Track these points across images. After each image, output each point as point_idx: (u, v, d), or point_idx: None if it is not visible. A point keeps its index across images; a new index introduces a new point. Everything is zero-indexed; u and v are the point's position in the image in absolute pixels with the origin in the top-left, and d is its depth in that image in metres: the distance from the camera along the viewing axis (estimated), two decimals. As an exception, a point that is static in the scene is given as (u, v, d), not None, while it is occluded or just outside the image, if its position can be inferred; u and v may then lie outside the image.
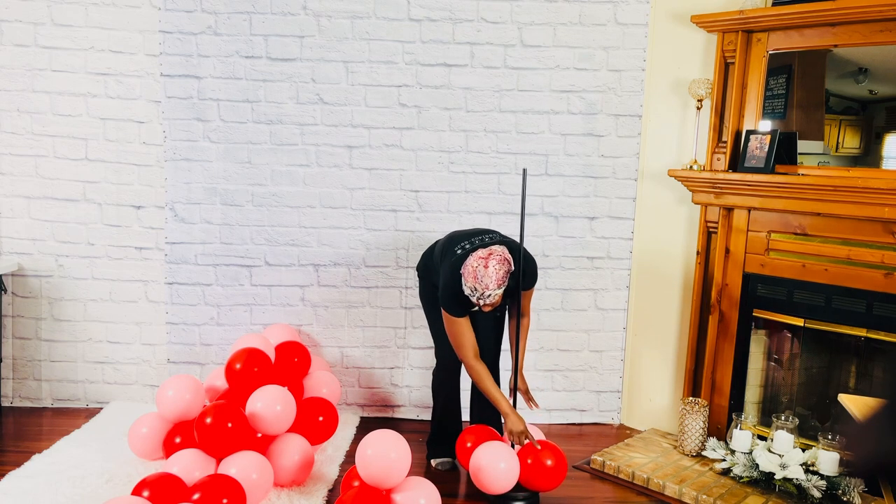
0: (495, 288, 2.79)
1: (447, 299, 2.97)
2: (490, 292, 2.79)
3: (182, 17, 3.62)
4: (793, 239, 3.20)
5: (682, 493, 3.04)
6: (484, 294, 2.79)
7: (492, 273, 2.78)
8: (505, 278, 2.81)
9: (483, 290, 2.78)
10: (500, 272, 2.79)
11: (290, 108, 3.70)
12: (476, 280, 2.79)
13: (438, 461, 3.33)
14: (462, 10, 3.65)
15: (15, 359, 3.81)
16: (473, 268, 2.81)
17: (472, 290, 2.81)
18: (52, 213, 3.74)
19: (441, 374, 3.30)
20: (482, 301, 2.83)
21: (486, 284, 2.78)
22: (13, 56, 3.63)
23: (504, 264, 2.82)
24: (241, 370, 3.15)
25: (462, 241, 3.03)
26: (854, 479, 2.89)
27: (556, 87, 3.71)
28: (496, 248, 2.88)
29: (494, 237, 3.05)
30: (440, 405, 3.33)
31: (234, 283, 3.80)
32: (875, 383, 3.13)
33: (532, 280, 3.09)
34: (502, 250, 2.87)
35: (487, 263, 2.79)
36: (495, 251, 2.85)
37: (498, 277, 2.79)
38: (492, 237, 3.04)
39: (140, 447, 3.12)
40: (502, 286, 2.81)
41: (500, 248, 2.88)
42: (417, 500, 2.61)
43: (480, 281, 2.78)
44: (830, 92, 3.20)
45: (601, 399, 3.93)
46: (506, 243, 3.00)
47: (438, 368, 3.31)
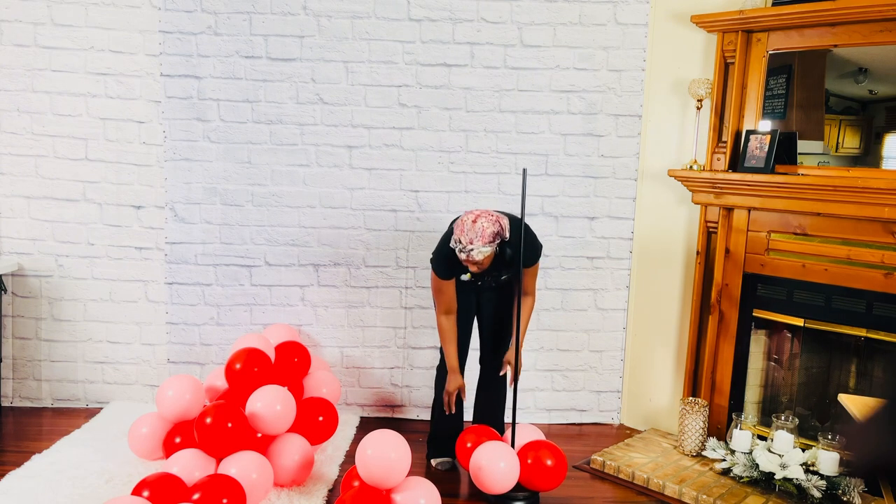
0: (480, 245, 2.79)
1: (436, 257, 3.03)
2: (475, 248, 2.79)
3: (182, 17, 3.62)
4: (793, 239, 3.20)
5: (682, 493, 3.04)
6: (467, 248, 2.80)
7: (479, 228, 2.80)
8: (493, 238, 2.81)
9: (468, 243, 2.80)
10: (487, 230, 2.80)
11: (290, 108, 3.70)
12: (462, 232, 2.82)
13: (438, 461, 3.33)
14: (462, 10, 3.65)
15: (15, 359, 3.81)
16: (463, 220, 2.86)
17: (457, 241, 2.83)
18: (52, 213, 3.74)
19: (444, 372, 3.28)
20: (466, 256, 2.82)
21: (471, 238, 2.79)
22: (13, 56, 3.63)
23: (494, 224, 2.83)
24: (241, 370, 3.15)
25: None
26: (854, 479, 2.89)
27: (556, 87, 3.71)
28: (493, 211, 2.93)
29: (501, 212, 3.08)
30: (440, 405, 3.32)
31: (234, 283, 3.80)
32: (875, 383, 3.13)
33: (532, 256, 3.06)
34: (498, 215, 2.90)
35: (477, 219, 2.83)
36: (490, 212, 2.89)
37: (485, 234, 2.80)
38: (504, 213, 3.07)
39: (140, 447, 3.12)
40: (488, 245, 2.81)
41: (496, 213, 2.92)
42: (417, 500, 2.61)
43: (466, 234, 2.81)
44: (830, 92, 3.20)
45: (601, 399, 3.93)
46: (508, 216, 3.01)
47: (442, 365, 3.30)
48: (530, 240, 3.04)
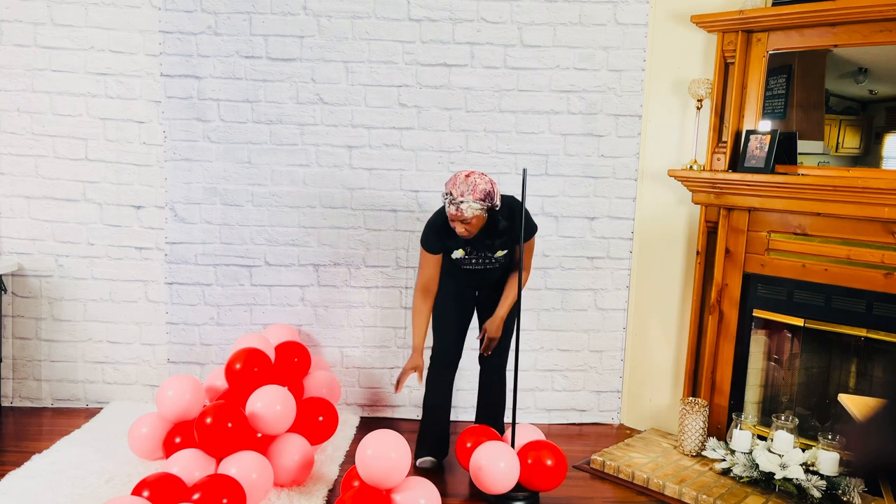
0: (471, 199, 2.79)
1: (427, 229, 3.04)
2: (465, 201, 2.79)
3: (182, 17, 3.62)
4: (793, 239, 3.20)
5: (681, 493, 3.04)
6: (457, 200, 2.80)
7: (471, 182, 2.81)
8: (484, 196, 2.82)
9: (458, 196, 2.80)
10: (479, 185, 2.81)
11: (290, 108, 3.70)
12: (455, 185, 2.83)
13: (420, 460, 3.28)
14: (462, 10, 3.65)
15: (15, 359, 3.81)
16: (456, 175, 2.88)
17: (448, 194, 2.83)
18: (52, 213, 3.74)
19: (435, 369, 3.27)
20: (455, 209, 2.81)
21: (462, 191, 2.80)
22: (13, 56, 3.63)
23: (487, 184, 2.84)
24: (241, 370, 3.15)
25: None
26: (854, 479, 2.89)
27: (556, 87, 3.71)
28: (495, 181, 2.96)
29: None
30: (430, 403, 3.30)
31: (234, 283, 3.80)
32: (875, 383, 3.13)
33: (526, 233, 3.03)
34: (497, 185, 2.92)
35: (470, 174, 2.85)
36: (484, 173, 2.91)
37: (476, 189, 2.80)
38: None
39: (140, 447, 3.12)
40: (479, 202, 2.81)
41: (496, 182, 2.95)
42: (417, 500, 2.61)
43: (458, 187, 2.81)
44: (830, 92, 3.20)
45: (601, 399, 3.93)
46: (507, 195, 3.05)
47: (433, 363, 3.28)
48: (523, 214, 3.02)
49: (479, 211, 2.84)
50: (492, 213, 2.90)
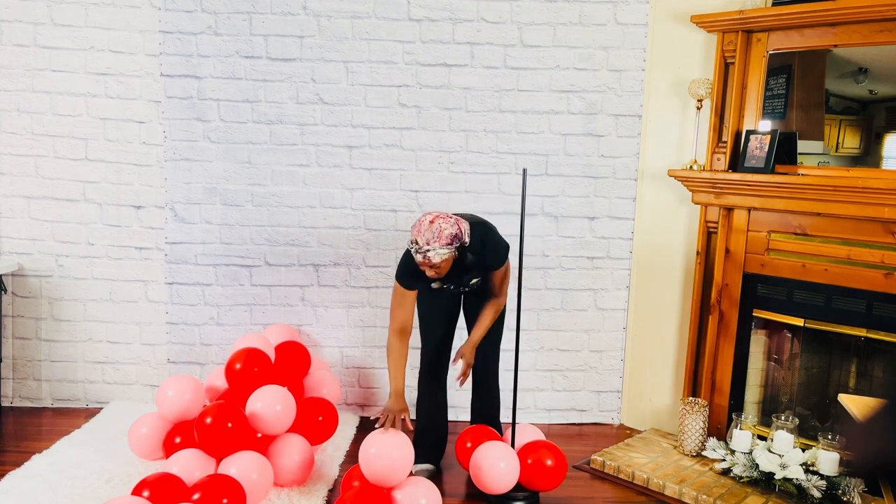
0: (438, 246, 2.71)
1: (401, 266, 2.95)
2: (431, 249, 2.70)
3: (182, 17, 3.63)
4: (793, 239, 3.20)
5: (682, 493, 3.04)
6: (423, 249, 2.71)
7: (436, 229, 2.72)
8: (451, 240, 2.73)
9: (424, 244, 2.71)
10: (445, 231, 2.72)
11: (290, 108, 3.70)
12: (419, 233, 2.73)
13: (419, 467, 3.21)
14: (462, 10, 3.65)
15: (15, 359, 3.81)
16: (420, 221, 2.77)
17: (414, 242, 2.74)
18: (52, 213, 3.74)
19: (426, 374, 3.25)
20: (423, 258, 2.74)
21: (428, 239, 2.71)
22: (13, 56, 3.63)
23: (452, 227, 2.75)
24: (241, 370, 3.15)
25: None
26: (854, 479, 2.89)
27: (556, 87, 3.71)
28: (461, 219, 2.85)
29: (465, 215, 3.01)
30: (424, 408, 3.27)
31: (234, 283, 3.80)
32: (875, 383, 3.13)
33: (497, 259, 2.97)
34: (458, 218, 2.83)
35: (434, 220, 2.75)
36: (450, 214, 2.82)
37: (442, 235, 2.71)
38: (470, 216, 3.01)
39: (140, 447, 3.12)
40: (446, 247, 2.72)
41: (456, 215, 2.85)
42: (418, 498, 2.61)
43: (423, 234, 2.72)
44: (830, 92, 3.20)
45: (601, 399, 3.93)
46: (469, 218, 2.94)
47: (423, 369, 3.26)
48: (493, 242, 2.96)
49: (448, 255, 2.75)
50: (461, 250, 2.82)
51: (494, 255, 2.96)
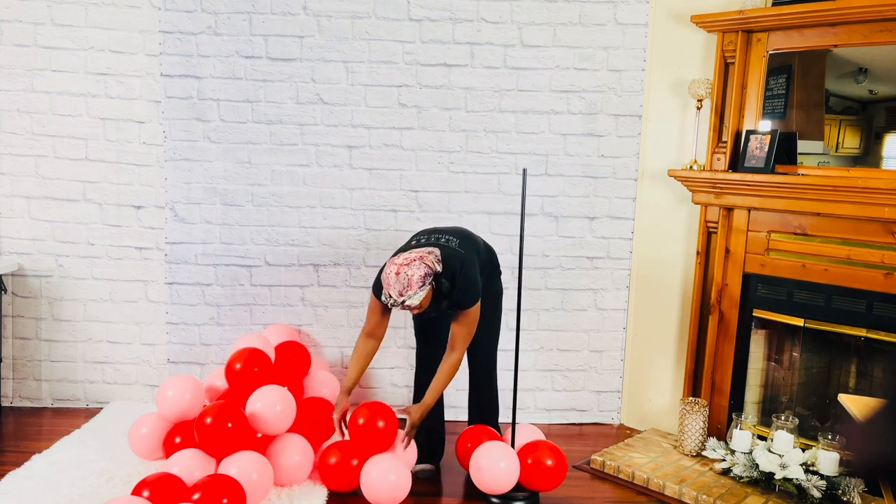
0: (412, 292, 2.69)
1: (376, 282, 2.91)
2: (406, 297, 2.69)
3: (182, 17, 3.63)
4: (793, 239, 3.20)
5: (682, 493, 3.04)
6: (399, 300, 2.69)
7: (404, 279, 2.69)
8: (421, 282, 2.69)
9: (398, 296, 2.70)
10: (414, 276, 2.69)
11: (290, 108, 3.70)
12: (390, 286, 2.72)
13: (418, 467, 3.22)
14: (462, 10, 3.65)
15: (15, 359, 3.81)
16: (386, 275, 2.74)
17: (388, 297, 2.73)
18: (52, 213, 3.74)
19: (421, 373, 3.23)
20: (402, 307, 2.73)
21: (400, 290, 2.69)
22: (13, 56, 3.63)
23: (419, 268, 2.71)
24: (241, 370, 3.15)
25: (421, 235, 3.00)
26: (854, 479, 2.89)
27: (556, 87, 3.71)
28: (425, 252, 2.78)
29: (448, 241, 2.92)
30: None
31: (234, 283, 3.80)
32: (875, 383, 3.13)
33: (463, 297, 2.84)
34: (422, 254, 2.77)
35: (399, 270, 2.71)
36: (411, 257, 2.75)
37: (412, 282, 2.68)
38: (446, 240, 2.92)
39: (140, 447, 3.12)
40: (421, 289, 2.70)
41: (427, 253, 2.78)
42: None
43: (394, 287, 2.70)
44: (830, 92, 3.20)
45: (601, 399, 3.93)
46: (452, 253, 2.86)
47: (419, 367, 3.25)
48: (464, 278, 2.83)
49: (425, 293, 2.73)
50: (437, 279, 2.77)
51: (462, 291, 2.84)
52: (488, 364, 3.23)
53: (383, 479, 2.80)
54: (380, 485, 2.80)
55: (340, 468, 2.92)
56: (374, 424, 2.89)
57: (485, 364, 3.23)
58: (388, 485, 2.80)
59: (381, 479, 2.80)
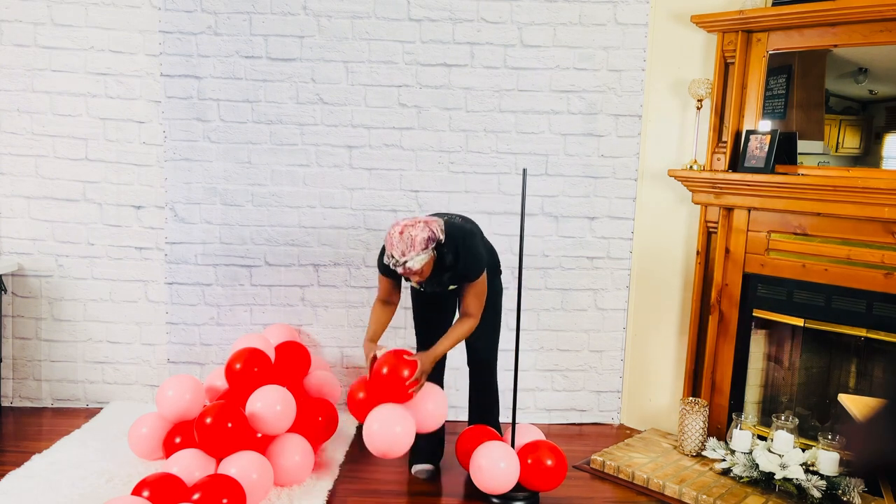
0: (414, 254, 2.68)
1: (380, 255, 2.94)
2: (408, 258, 2.69)
3: (182, 17, 3.63)
4: (793, 239, 3.20)
5: (682, 493, 3.04)
6: (402, 261, 2.70)
7: (407, 239, 2.69)
8: (426, 244, 2.69)
9: (400, 256, 2.70)
10: (417, 237, 2.69)
11: (290, 108, 3.70)
12: (392, 247, 2.71)
13: (418, 468, 3.23)
14: (462, 10, 3.65)
15: (15, 359, 3.81)
16: (390, 234, 2.74)
17: (390, 257, 2.74)
18: (52, 213, 3.74)
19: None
20: (403, 270, 2.73)
21: (402, 250, 2.69)
22: (13, 56, 3.63)
23: (423, 230, 2.71)
24: (241, 370, 3.15)
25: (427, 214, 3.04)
26: (854, 479, 2.89)
27: (556, 87, 3.71)
28: (423, 216, 2.82)
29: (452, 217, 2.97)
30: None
31: (234, 283, 3.80)
32: (875, 383, 3.13)
33: (473, 267, 2.87)
34: (428, 219, 2.78)
35: (403, 230, 2.71)
36: (417, 219, 2.77)
37: (415, 243, 2.68)
38: (450, 216, 2.98)
39: (140, 447, 3.12)
40: (423, 252, 2.69)
41: (426, 217, 2.81)
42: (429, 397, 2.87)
43: (396, 247, 2.70)
44: (830, 92, 3.20)
45: (601, 399, 3.93)
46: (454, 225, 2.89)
47: None
48: (468, 250, 2.86)
49: (426, 258, 2.72)
50: (439, 248, 2.77)
51: (466, 264, 2.85)
52: (489, 364, 3.23)
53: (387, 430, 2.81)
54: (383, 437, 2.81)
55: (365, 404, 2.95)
56: (398, 375, 2.84)
57: (485, 364, 3.22)
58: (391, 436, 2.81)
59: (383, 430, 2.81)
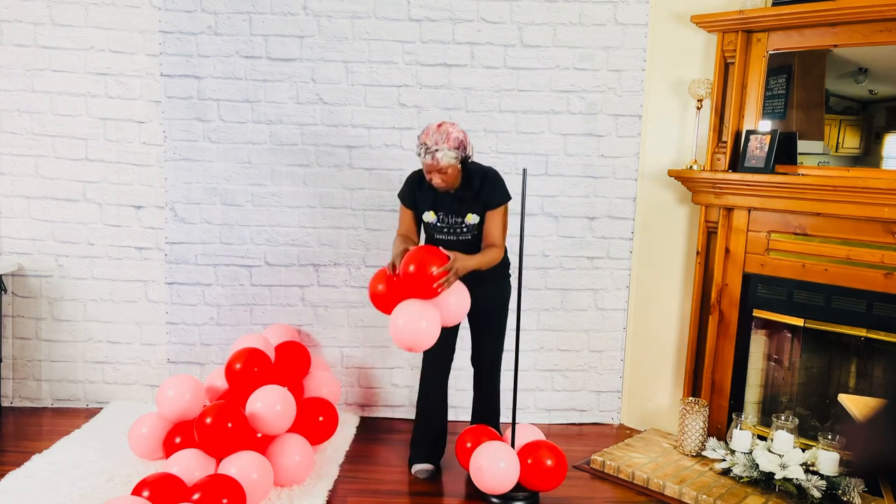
0: (446, 147, 2.82)
1: (404, 183, 3.13)
2: (440, 149, 2.82)
3: (182, 17, 3.63)
4: (793, 239, 3.20)
5: (682, 493, 3.04)
6: (433, 148, 2.82)
7: (444, 132, 2.85)
8: (458, 145, 2.85)
9: (433, 144, 2.82)
10: (452, 134, 2.85)
11: (290, 108, 3.70)
12: (428, 136, 2.86)
13: (418, 468, 3.23)
14: (462, 10, 3.65)
15: (15, 359, 3.81)
16: (428, 127, 2.90)
17: (423, 145, 2.86)
18: (52, 213, 3.74)
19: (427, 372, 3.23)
20: (431, 158, 2.83)
21: (437, 140, 2.83)
22: (13, 56, 3.63)
23: (459, 133, 2.88)
24: (241, 370, 3.15)
25: None
26: (854, 479, 2.89)
27: (556, 87, 3.71)
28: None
29: None
30: (423, 407, 3.25)
31: (234, 283, 3.80)
32: (875, 383, 3.13)
33: (497, 195, 2.98)
34: (465, 131, 2.97)
35: (442, 124, 2.88)
36: (456, 124, 2.94)
37: (450, 137, 2.84)
38: None
39: (140, 447, 3.12)
40: (454, 150, 2.84)
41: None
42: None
43: (431, 136, 2.85)
44: (830, 92, 3.20)
45: (601, 399, 3.93)
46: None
47: (425, 366, 3.25)
48: (495, 178, 3.01)
49: (454, 160, 2.86)
50: (465, 165, 2.93)
51: (492, 189, 2.98)
52: (493, 364, 3.23)
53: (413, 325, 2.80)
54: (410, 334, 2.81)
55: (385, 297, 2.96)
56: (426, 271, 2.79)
57: (490, 363, 3.23)
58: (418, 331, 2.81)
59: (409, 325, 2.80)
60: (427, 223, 3.09)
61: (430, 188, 3.01)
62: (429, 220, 3.06)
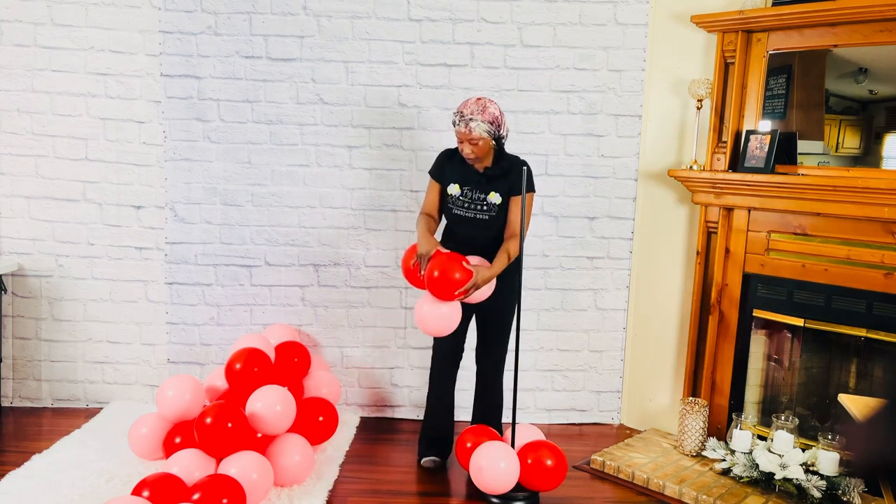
0: (480, 119, 2.89)
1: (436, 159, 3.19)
2: (475, 119, 2.88)
3: (182, 17, 3.63)
4: (793, 239, 3.20)
5: (682, 493, 3.04)
6: (468, 117, 2.89)
7: (481, 105, 2.92)
8: (492, 118, 2.92)
9: (469, 114, 2.89)
10: (489, 108, 2.93)
11: (290, 108, 3.70)
12: (465, 106, 2.94)
13: (426, 459, 3.29)
14: (462, 10, 3.65)
15: (15, 359, 3.81)
16: (467, 99, 2.99)
17: (459, 113, 2.93)
18: (52, 213, 3.74)
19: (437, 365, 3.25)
20: (465, 127, 2.89)
21: (473, 111, 2.90)
22: (13, 56, 3.63)
23: (496, 109, 2.95)
24: (241, 370, 3.15)
25: None
26: (854, 479, 2.89)
27: (556, 87, 3.71)
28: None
29: None
30: (433, 400, 3.29)
31: (234, 283, 3.80)
32: (875, 383, 3.13)
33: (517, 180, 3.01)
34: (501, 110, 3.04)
35: (480, 98, 2.96)
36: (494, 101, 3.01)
37: (486, 111, 2.91)
38: None
39: (140, 447, 3.12)
40: (488, 122, 2.90)
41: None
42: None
43: (468, 107, 2.93)
44: (830, 92, 3.20)
45: (601, 399, 3.93)
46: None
47: (435, 359, 3.26)
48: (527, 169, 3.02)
49: (487, 133, 2.91)
50: (499, 145, 3.00)
51: (521, 176, 3.01)
52: (498, 363, 3.24)
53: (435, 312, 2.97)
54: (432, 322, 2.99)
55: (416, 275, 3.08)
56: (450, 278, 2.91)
57: (495, 363, 3.24)
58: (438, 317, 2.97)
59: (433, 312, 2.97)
60: (450, 196, 3.11)
61: (460, 162, 3.08)
62: (453, 192, 3.10)
